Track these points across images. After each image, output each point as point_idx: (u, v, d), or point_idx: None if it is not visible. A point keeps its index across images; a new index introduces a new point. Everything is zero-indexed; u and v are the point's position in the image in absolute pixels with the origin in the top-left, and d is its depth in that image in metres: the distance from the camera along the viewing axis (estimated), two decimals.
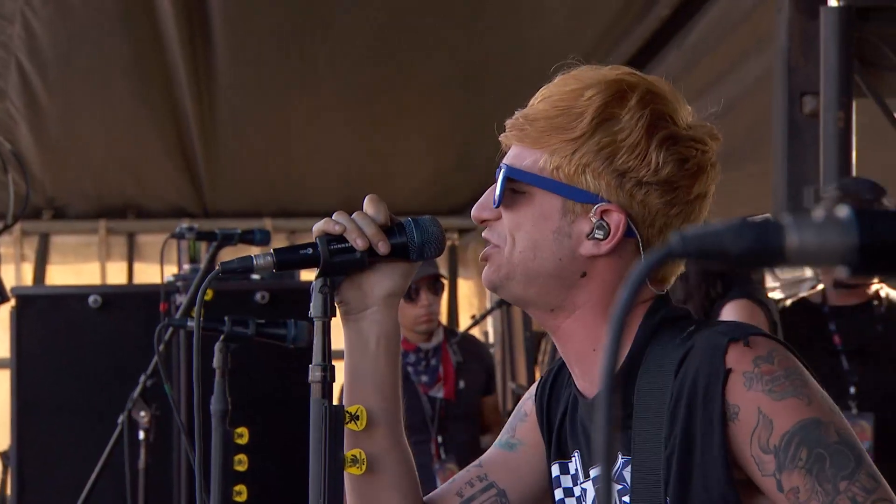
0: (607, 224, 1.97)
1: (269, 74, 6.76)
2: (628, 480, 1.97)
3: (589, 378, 2.04)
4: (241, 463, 3.33)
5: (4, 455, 5.97)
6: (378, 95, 6.95)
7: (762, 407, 1.84)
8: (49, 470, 5.25)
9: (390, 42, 6.47)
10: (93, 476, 4.19)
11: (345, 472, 2.01)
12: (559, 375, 2.20)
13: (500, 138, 2.08)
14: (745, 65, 5.50)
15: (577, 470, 2.11)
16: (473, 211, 2.06)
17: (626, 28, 6.10)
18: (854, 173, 4.09)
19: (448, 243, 6.22)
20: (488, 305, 8.14)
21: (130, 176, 7.71)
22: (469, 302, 8.79)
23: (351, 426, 2.00)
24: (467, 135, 6.68)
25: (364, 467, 2.00)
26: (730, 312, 4.35)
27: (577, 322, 2.02)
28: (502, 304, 7.17)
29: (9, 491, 5.73)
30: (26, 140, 7.01)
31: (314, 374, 2.00)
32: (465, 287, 8.84)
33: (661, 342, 1.93)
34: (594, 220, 1.98)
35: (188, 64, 6.52)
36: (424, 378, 5.88)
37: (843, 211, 0.93)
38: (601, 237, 1.97)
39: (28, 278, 7.97)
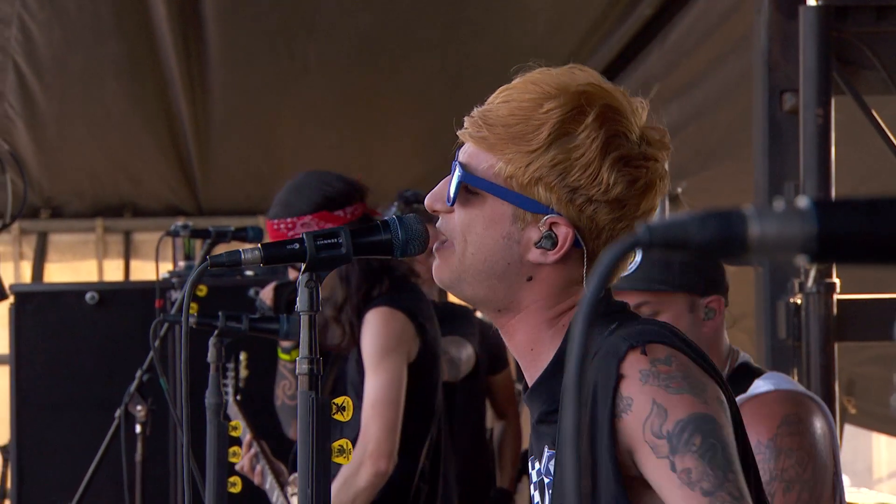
0: (555, 235, 1.99)
1: (259, 77, 6.77)
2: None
3: (528, 374, 2.07)
4: (236, 455, 3.34)
5: (4, 449, 5.97)
6: (366, 96, 6.95)
7: (657, 398, 1.85)
8: (48, 463, 5.25)
9: (377, 44, 6.48)
10: (91, 469, 4.19)
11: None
12: None
13: (458, 133, 2.09)
14: (725, 64, 5.50)
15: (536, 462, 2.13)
16: (427, 200, 2.07)
17: (609, 29, 6.10)
18: (833, 169, 4.10)
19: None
20: None
21: (126, 176, 7.71)
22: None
23: (338, 416, 2.01)
24: (452, 135, 6.65)
25: (350, 457, 2.01)
26: (368, 321, 4.04)
27: (520, 322, 2.04)
28: None
29: (9, 484, 5.73)
30: (24, 141, 7.01)
31: (301, 366, 2.01)
32: None
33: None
34: (543, 230, 1.99)
35: (181, 67, 6.53)
36: None
37: (802, 201, 0.94)
38: (548, 247, 1.99)
39: (27, 276, 7.96)
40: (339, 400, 2.02)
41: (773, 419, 3.05)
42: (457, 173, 2.03)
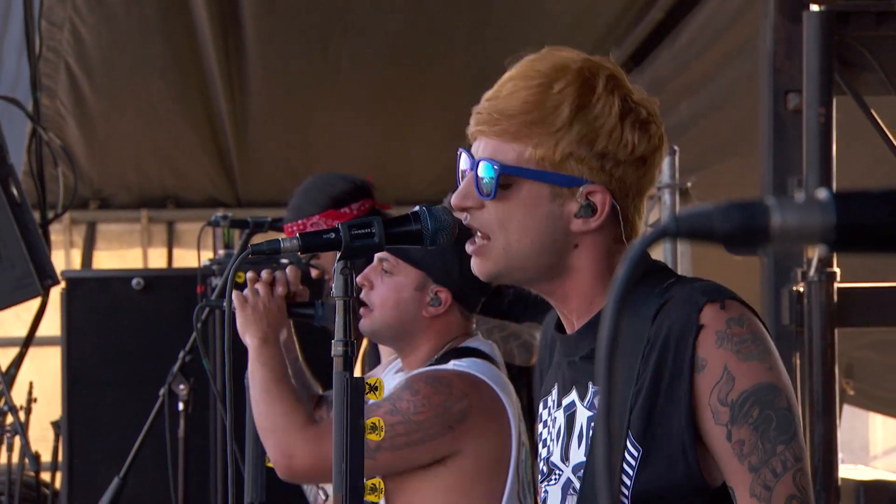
0: (593, 203, 2.00)
1: (295, 76, 6.76)
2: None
3: (577, 322, 2.06)
4: None
5: (56, 424, 5.98)
6: (396, 94, 6.94)
7: (728, 364, 1.87)
8: (96, 438, 5.26)
9: (407, 44, 6.47)
10: (136, 444, 4.19)
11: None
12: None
13: (469, 131, 2.07)
14: (732, 65, 5.48)
15: (553, 401, 2.12)
16: (454, 200, 2.04)
17: (624, 31, 6.09)
18: (834, 164, 4.08)
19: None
20: None
21: (169, 169, 7.72)
22: None
23: (370, 396, 2.00)
24: None
25: (383, 434, 2.01)
26: None
27: (575, 283, 2.04)
28: None
29: (60, 457, 5.74)
30: (74, 136, 7.02)
31: (336, 348, 2.00)
32: None
33: (642, 290, 1.95)
34: (581, 200, 2.01)
35: (222, 66, 6.53)
36: None
37: (822, 193, 0.93)
38: (588, 215, 2.01)
39: (76, 263, 7.98)
40: (371, 380, 2.02)
41: None
42: (488, 168, 2.01)
